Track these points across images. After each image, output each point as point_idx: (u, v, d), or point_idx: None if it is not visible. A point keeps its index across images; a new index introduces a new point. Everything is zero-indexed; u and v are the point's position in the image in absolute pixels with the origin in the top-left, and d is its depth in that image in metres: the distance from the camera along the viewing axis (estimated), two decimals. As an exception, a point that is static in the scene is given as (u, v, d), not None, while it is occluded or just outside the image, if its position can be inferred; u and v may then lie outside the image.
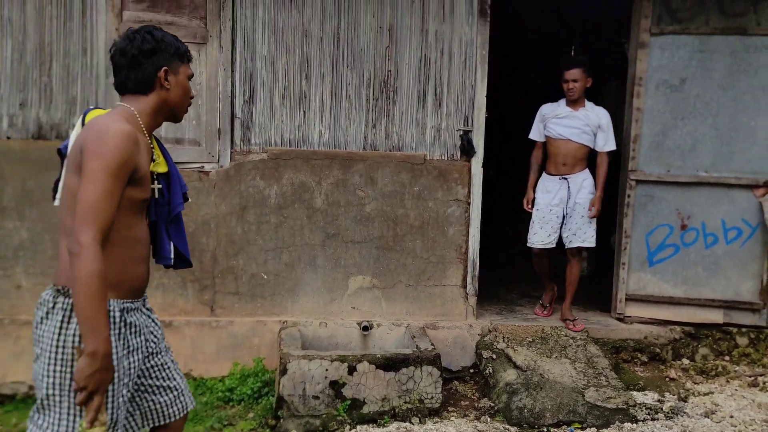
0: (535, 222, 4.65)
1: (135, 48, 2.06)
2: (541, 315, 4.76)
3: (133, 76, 2.08)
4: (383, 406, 3.78)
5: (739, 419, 3.73)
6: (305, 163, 4.47)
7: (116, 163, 1.87)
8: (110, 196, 1.86)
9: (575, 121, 4.55)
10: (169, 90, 2.13)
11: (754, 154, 4.65)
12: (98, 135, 1.89)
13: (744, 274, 4.72)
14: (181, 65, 2.15)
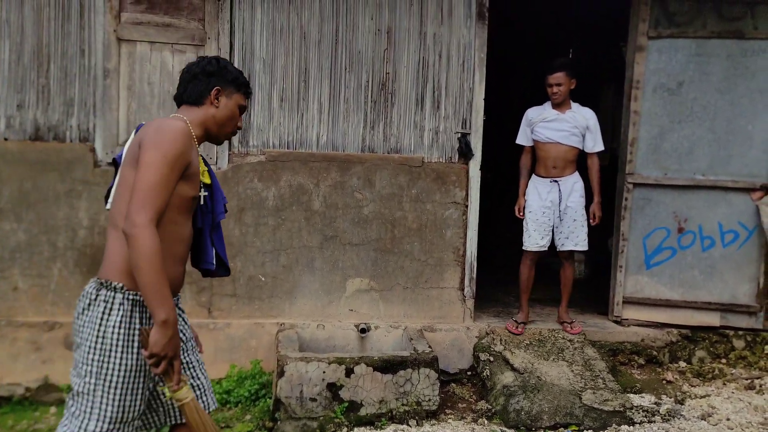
0: (529, 224, 4.60)
1: (199, 68, 2.29)
2: (514, 331, 4.56)
3: (191, 88, 2.28)
4: (380, 409, 3.78)
5: (736, 422, 3.74)
6: (303, 165, 4.47)
7: (173, 155, 2.01)
8: (165, 184, 1.99)
9: (563, 123, 4.50)
10: (218, 108, 2.29)
11: (751, 158, 4.66)
12: (157, 129, 2.05)
13: (741, 277, 4.73)
14: (236, 93, 2.32)
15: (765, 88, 4.61)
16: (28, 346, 4.17)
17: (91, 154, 4.30)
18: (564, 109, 4.54)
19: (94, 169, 4.31)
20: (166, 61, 4.33)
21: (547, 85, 4.50)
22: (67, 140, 4.30)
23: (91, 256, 4.32)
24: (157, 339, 1.94)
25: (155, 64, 4.32)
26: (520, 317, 4.68)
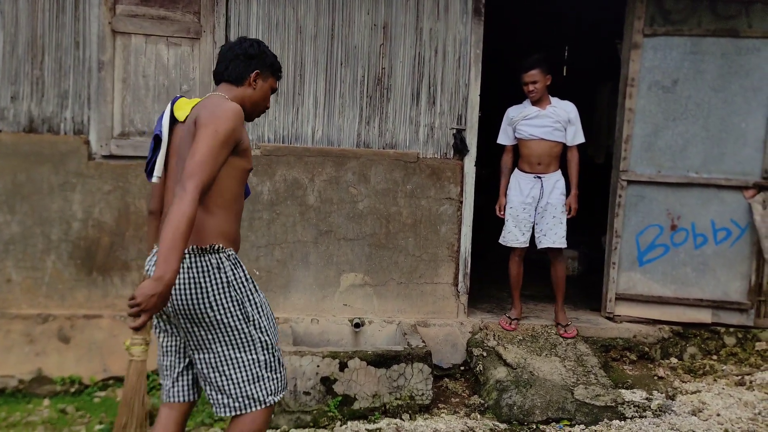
0: (509, 220, 4.57)
1: (241, 49, 2.49)
2: (507, 328, 4.57)
3: (232, 68, 2.48)
4: (374, 403, 3.79)
5: (726, 417, 3.77)
6: (298, 160, 4.47)
7: (224, 132, 2.19)
8: (215, 158, 2.16)
9: (545, 119, 4.46)
10: (254, 90, 2.51)
11: (745, 156, 4.69)
12: (212, 109, 2.24)
13: (732, 275, 4.76)
14: (271, 77, 2.56)
15: (759, 86, 4.64)
16: (21, 339, 4.17)
17: (86, 146, 4.29)
18: (544, 104, 4.50)
19: (88, 162, 4.30)
20: (161, 54, 4.32)
21: (522, 84, 4.46)
22: (62, 132, 4.29)
23: (86, 249, 4.32)
24: (145, 290, 2.00)
25: (150, 57, 4.31)
26: (513, 313, 4.68)
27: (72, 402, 3.95)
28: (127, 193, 4.35)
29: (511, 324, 4.60)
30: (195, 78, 4.36)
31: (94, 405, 3.91)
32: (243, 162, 2.35)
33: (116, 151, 4.31)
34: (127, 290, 4.36)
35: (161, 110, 4.34)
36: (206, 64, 4.34)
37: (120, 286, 4.36)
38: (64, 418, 3.73)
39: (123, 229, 4.35)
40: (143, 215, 4.36)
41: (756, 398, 4.01)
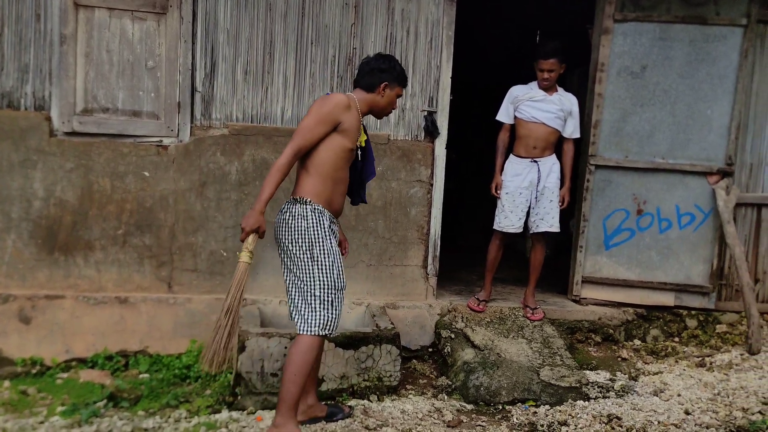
0: (505, 205, 4.56)
1: (375, 63, 3.18)
2: (476, 309, 4.59)
3: (367, 78, 3.17)
4: (342, 384, 3.79)
5: (686, 397, 3.86)
6: (267, 140, 4.41)
7: (323, 112, 2.96)
8: (311, 130, 2.95)
9: (551, 105, 4.48)
10: (382, 98, 3.19)
11: (710, 142, 4.76)
12: (323, 99, 3.02)
13: (695, 259, 4.85)
14: (397, 86, 3.21)
15: (725, 74, 4.70)
16: (-20, 320, 4.06)
17: (47, 122, 4.17)
18: (551, 91, 4.52)
19: (50, 139, 4.18)
20: (126, 29, 4.20)
21: (538, 70, 4.46)
22: (22, 108, 4.16)
23: (47, 228, 4.22)
24: (246, 216, 2.90)
25: (114, 32, 4.19)
26: (482, 295, 4.70)
27: (33, 383, 3.87)
28: (91, 172, 4.24)
29: (479, 305, 4.62)
30: (161, 54, 4.26)
31: (56, 386, 3.84)
32: (344, 141, 3.02)
33: (79, 128, 4.20)
34: (91, 270, 4.28)
35: (126, 86, 4.24)
36: (173, 39, 4.24)
37: (83, 266, 4.27)
38: (25, 400, 3.66)
39: (86, 208, 4.25)
40: (107, 194, 4.27)
41: (716, 379, 4.12)
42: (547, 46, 4.46)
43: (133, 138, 4.28)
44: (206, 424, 3.36)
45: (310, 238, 3.00)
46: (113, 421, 3.38)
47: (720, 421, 3.56)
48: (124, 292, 4.30)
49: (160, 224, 4.34)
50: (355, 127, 3.04)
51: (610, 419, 3.56)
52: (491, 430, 3.48)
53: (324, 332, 3.01)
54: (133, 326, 4.26)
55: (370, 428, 3.40)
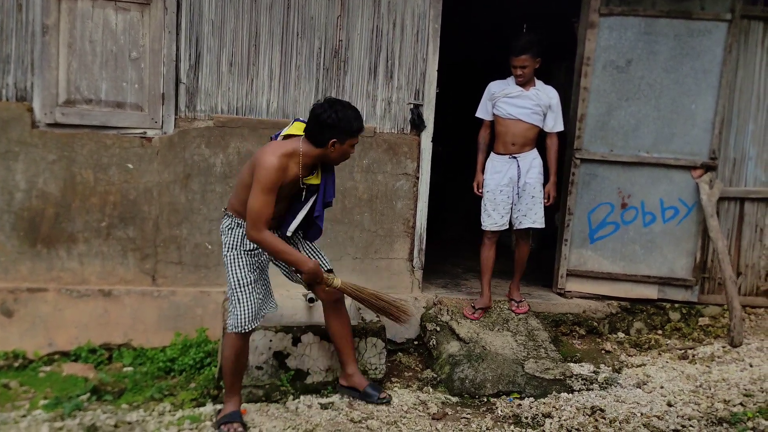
0: (487, 204, 4.49)
1: (323, 116, 3.10)
2: (470, 316, 4.46)
3: (314, 132, 3.13)
4: (327, 377, 3.79)
5: (669, 390, 3.90)
6: (252, 132, 4.39)
7: (269, 186, 3.04)
8: (267, 205, 3.06)
9: (526, 101, 4.40)
10: (332, 152, 3.17)
11: (694, 137, 4.80)
12: (262, 164, 3.05)
13: (679, 252, 4.89)
14: (348, 138, 3.17)
15: (709, 68, 4.73)
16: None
17: (29, 114, 4.13)
18: (528, 86, 4.42)
19: (32, 130, 4.13)
20: (110, 20, 4.16)
21: (512, 66, 4.36)
22: (3, 99, 4.11)
23: (29, 220, 4.17)
24: (306, 277, 3.22)
25: (97, 22, 4.14)
26: (480, 302, 4.54)
27: (16, 377, 3.84)
28: (74, 163, 4.20)
29: (474, 313, 4.49)
30: (145, 45, 4.21)
31: (38, 380, 3.81)
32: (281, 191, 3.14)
33: (61, 120, 4.15)
34: (74, 263, 4.24)
35: (109, 77, 4.19)
36: (156, 30, 4.20)
37: (66, 259, 4.23)
38: (7, 393, 3.63)
39: (69, 200, 4.21)
40: (90, 186, 4.23)
41: (698, 371, 4.16)
42: (519, 42, 4.33)
43: (117, 129, 4.24)
44: (190, 417, 3.35)
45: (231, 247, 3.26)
46: (96, 415, 3.36)
47: (702, 412, 3.59)
48: (107, 285, 4.27)
49: (144, 217, 4.31)
50: (291, 180, 3.16)
51: (593, 411, 3.59)
52: (476, 422, 3.49)
53: (236, 330, 3.24)
54: (117, 319, 4.23)
55: (355, 421, 3.41)
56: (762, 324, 4.86)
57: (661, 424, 3.45)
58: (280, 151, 3.08)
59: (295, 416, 3.42)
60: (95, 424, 3.24)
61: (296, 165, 3.13)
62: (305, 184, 3.24)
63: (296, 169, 3.14)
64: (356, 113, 3.20)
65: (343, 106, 3.14)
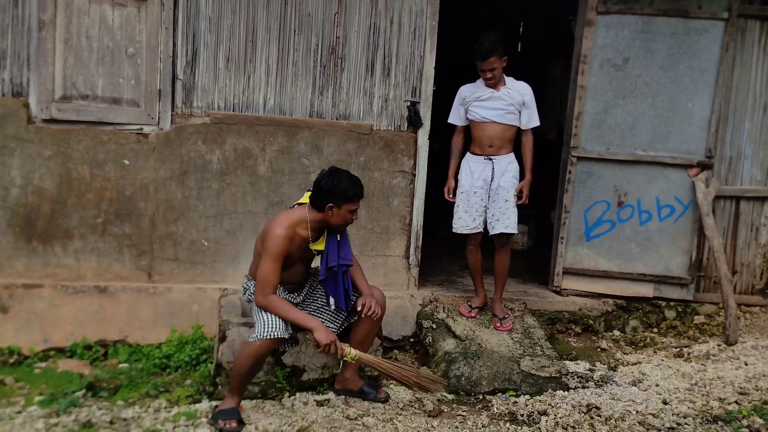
0: (460, 205, 4.33)
1: (322, 183, 3.33)
2: (467, 315, 4.41)
3: (315, 198, 3.36)
4: (323, 374, 3.78)
5: (664, 388, 3.91)
6: (249, 129, 4.38)
7: (276, 255, 3.27)
8: (275, 272, 3.29)
9: (498, 102, 4.22)
10: (332, 216, 3.36)
11: (690, 135, 4.80)
12: (270, 235, 3.29)
13: (675, 251, 4.90)
14: (345, 204, 3.34)
15: (706, 67, 4.74)
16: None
17: (25, 109, 4.11)
18: (498, 86, 4.24)
19: (28, 126, 4.12)
20: (106, 15, 4.14)
21: (479, 71, 4.20)
22: (-1, 94, 4.10)
23: (25, 216, 4.16)
24: (318, 338, 3.24)
25: (94, 18, 4.13)
26: (475, 301, 4.50)
27: (11, 373, 3.83)
28: (70, 159, 4.19)
29: (471, 312, 4.44)
30: (141, 41, 4.20)
31: (34, 376, 3.80)
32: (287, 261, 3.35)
33: (58, 115, 4.14)
34: (70, 259, 4.23)
35: (106, 73, 4.18)
36: (153, 26, 4.19)
37: (62, 255, 4.22)
38: (2, 390, 3.62)
39: (65, 197, 4.20)
40: (86, 182, 4.22)
41: (693, 369, 4.17)
42: (483, 46, 4.12)
43: (113, 126, 4.23)
44: (186, 414, 3.34)
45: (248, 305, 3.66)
46: (92, 411, 3.35)
47: (697, 410, 3.60)
48: (103, 282, 4.26)
49: (140, 213, 4.30)
50: (298, 250, 3.38)
51: (589, 409, 3.60)
52: (472, 419, 3.50)
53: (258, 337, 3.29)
54: (113, 316, 4.22)
55: (351, 418, 3.41)
56: (757, 322, 4.88)
57: (656, 422, 3.46)
58: (288, 221, 3.34)
59: (291, 413, 3.42)
60: (91, 420, 3.24)
61: (305, 230, 3.37)
62: (314, 249, 3.46)
63: (305, 233, 3.37)
64: (354, 182, 3.37)
65: (342, 175, 3.36)
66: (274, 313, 3.27)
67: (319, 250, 3.47)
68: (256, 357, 3.26)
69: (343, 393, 3.67)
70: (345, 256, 3.50)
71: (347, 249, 3.52)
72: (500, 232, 4.29)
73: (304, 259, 3.51)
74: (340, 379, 3.69)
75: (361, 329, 3.56)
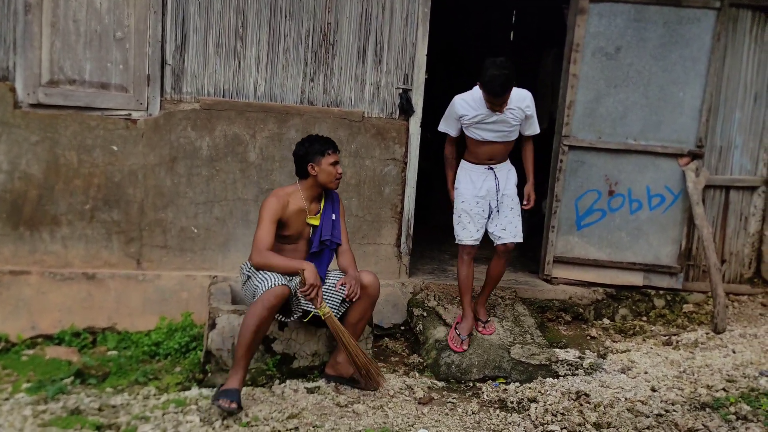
0: (462, 216, 4.05)
1: (296, 153, 3.59)
2: (457, 349, 3.99)
3: (297, 169, 3.61)
4: (313, 361, 3.78)
5: (653, 375, 3.93)
6: (239, 116, 4.34)
7: (269, 216, 3.46)
8: (268, 233, 3.45)
9: (503, 125, 3.92)
10: (317, 175, 3.55)
11: (681, 124, 4.81)
12: (263, 205, 3.51)
13: (664, 240, 4.92)
14: (322, 158, 3.52)
15: (697, 56, 4.74)
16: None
17: (11, 94, 4.05)
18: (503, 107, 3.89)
19: (14, 110, 4.07)
20: (94, -2, 4.08)
21: (487, 101, 3.82)
22: (-16, 78, 4.03)
23: (11, 202, 4.11)
24: (306, 276, 3.36)
25: (81, 1, 4.07)
26: (463, 328, 4.06)
27: (-2, 360, 3.80)
28: (57, 145, 4.14)
29: (461, 344, 4.01)
30: (130, 25, 4.15)
31: (21, 363, 3.77)
32: (282, 230, 3.53)
33: (44, 100, 4.09)
34: (57, 246, 4.19)
35: (93, 58, 4.13)
36: (142, 10, 4.14)
37: (49, 242, 4.18)
38: (-12, 377, 3.59)
39: (52, 182, 4.16)
40: (74, 168, 4.18)
41: (681, 357, 4.19)
42: (496, 83, 3.69)
43: (101, 111, 4.18)
44: (176, 401, 3.33)
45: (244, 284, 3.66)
46: (80, 398, 3.33)
47: (685, 397, 3.63)
48: (91, 269, 4.22)
49: (128, 200, 4.26)
50: (293, 217, 3.54)
51: (578, 396, 3.61)
52: (462, 406, 3.50)
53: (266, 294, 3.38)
54: (101, 303, 4.19)
55: (342, 405, 3.41)
56: (745, 311, 4.91)
57: (644, 408, 3.48)
58: (281, 192, 3.56)
59: (281, 400, 3.41)
60: (79, 407, 3.21)
61: (299, 200, 3.56)
62: (310, 223, 3.62)
63: (300, 202, 3.55)
64: (324, 138, 3.59)
65: (311, 137, 3.60)
66: (270, 267, 3.37)
67: (315, 226, 3.63)
68: (260, 317, 3.23)
69: (334, 380, 3.66)
70: (336, 235, 3.70)
71: (339, 229, 3.72)
72: (509, 242, 4.06)
73: (304, 238, 3.63)
74: (332, 363, 3.68)
75: (355, 312, 3.58)
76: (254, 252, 3.44)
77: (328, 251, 3.72)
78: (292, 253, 3.59)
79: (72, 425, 2.98)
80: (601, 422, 3.33)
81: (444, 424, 3.28)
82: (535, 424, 3.31)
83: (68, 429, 2.94)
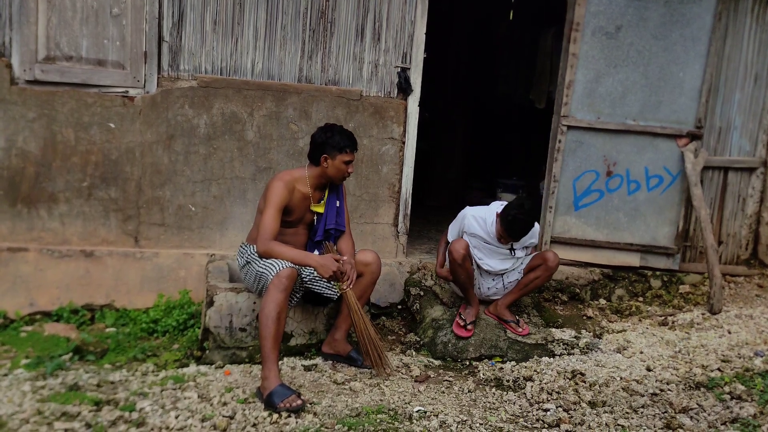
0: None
1: (316, 137, 3.53)
2: (463, 334, 3.94)
3: (311, 152, 3.55)
4: (311, 340, 3.80)
5: (648, 355, 3.96)
6: (237, 93, 4.32)
7: (275, 203, 3.40)
8: (274, 220, 3.39)
9: (511, 261, 4.04)
10: (327, 168, 3.52)
11: (680, 105, 4.79)
12: (269, 187, 3.46)
13: (662, 221, 4.92)
14: (339, 154, 3.49)
15: (698, 36, 4.71)
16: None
17: (8, 70, 4.02)
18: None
19: (10, 87, 4.04)
20: (90, -26, 4.04)
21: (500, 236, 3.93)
22: (-20, 54, 4.00)
23: (9, 179, 4.10)
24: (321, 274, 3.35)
25: (77, -24, 4.02)
26: (469, 313, 4.01)
27: (-4, 337, 3.81)
28: (54, 122, 4.12)
29: (466, 328, 3.97)
30: (126, 1, 4.10)
31: (20, 339, 3.79)
32: (286, 216, 3.48)
33: (41, 77, 4.06)
34: (55, 223, 4.19)
35: (90, 34, 4.09)
36: (139, -14, 4.09)
37: (47, 219, 4.18)
38: (-13, 353, 3.61)
39: (49, 159, 4.14)
40: (71, 145, 4.16)
41: (677, 337, 4.22)
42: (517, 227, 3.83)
43: (98, 88, 4.16)
44: (174, 378, 3.35)
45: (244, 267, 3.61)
46: (79, 374, 3.35)
47: (680, 377, 3.66)
48: (89, 246, 4.23)
49: (126, 177, 4.25)
50: (297, 204, 3.51)
51: (574, 375, 3.64)
52: (458, 385, 3.53)
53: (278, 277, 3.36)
54: (99, 280, 4.20)
55: (339, 382, 3.43)
56: (741, 292, 4.94)
57: (640, 387, 3.51)
58: (288, 177, 3.50)
59: (278, 377, 3.43)
60: (77, 383, 3.23)
61: (305, 186, 3.53)
62: (314, 210, 3.60)
63: (305, 189, 3.53)
64: (347, 134, 3.53)
65: (335, 128, 3.52)
66: (275, 257, 3.33)
67: (319, 213, 3.62)
68: (278, 302, 3.18)
69: (331, 357, 3.69)
70: (341, 222, 3.70)
71: (343, 216, 3.72)
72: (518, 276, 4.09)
73: (305, 223, 3.62)
74: (329, 340, 3.71)
75: (356, 290, 3.55)
76: (260, 241, 3.35)
77: (332, 238, 3.70)
78: (292, 237, 3.56)
79: (71, 401, 3.00)
80: (596, 401, 3.36)
81: (440, 402, 3.30)
82: (531, 403, 3.34)
83: (67, 404, 2.96)
